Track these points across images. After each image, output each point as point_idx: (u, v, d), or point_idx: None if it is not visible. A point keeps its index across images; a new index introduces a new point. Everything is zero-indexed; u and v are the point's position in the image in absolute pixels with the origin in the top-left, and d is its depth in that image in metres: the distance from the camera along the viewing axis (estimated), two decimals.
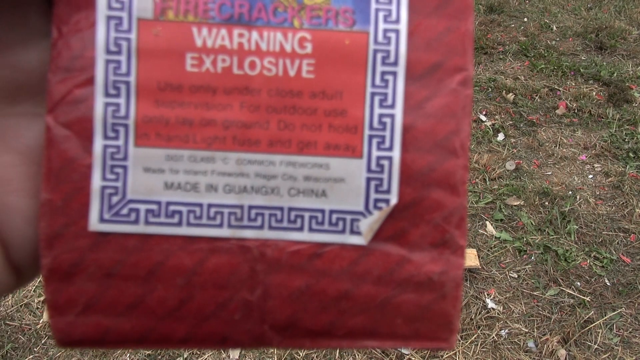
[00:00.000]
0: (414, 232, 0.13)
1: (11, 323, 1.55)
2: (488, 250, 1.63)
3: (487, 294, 1.51)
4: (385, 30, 0.13)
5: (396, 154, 0.13)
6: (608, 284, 1.52)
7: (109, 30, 0.13)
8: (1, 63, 0.13)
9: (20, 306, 1.60)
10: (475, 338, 1.40)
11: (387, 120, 0.13)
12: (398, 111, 0.13)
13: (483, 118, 2.21)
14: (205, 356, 1.41)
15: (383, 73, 0.13)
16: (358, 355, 1.38)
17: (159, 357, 1.43)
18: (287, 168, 0.13)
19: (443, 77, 0.13)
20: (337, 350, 1.39)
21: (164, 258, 0.13)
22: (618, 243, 1.63)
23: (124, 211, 0.13)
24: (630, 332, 1.40)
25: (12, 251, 0.13)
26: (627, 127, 2.10)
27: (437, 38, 0.13)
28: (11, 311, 1.59)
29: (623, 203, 1.77)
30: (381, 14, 0.13)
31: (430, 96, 0.13)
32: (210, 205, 0.13)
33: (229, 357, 1.41)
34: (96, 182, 0.13)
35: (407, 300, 0.13)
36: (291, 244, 0.13)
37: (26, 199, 0.13)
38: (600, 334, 1.39)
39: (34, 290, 1.64)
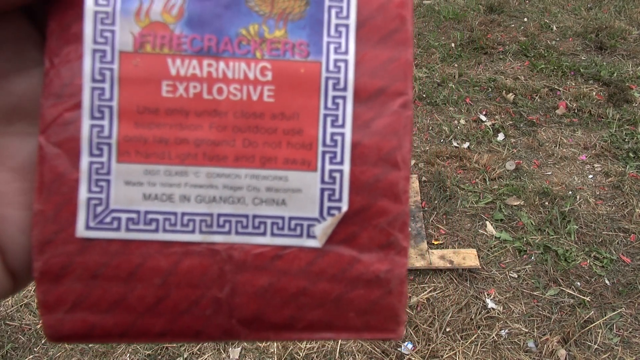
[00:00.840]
0: (363, 236, 0.15)
1: (11, 323, 1.55)
2: (488, 250, 1.63)
3: (487, 294, 1.51)
4: (336, 60, 0.15)
5: (346, 167, 0.15)
6: (608, 284, 1.52)
7: (95, 61, 0.15)
8: (0, 90, 0.15)
9: (20, 306, 1.60)
10: (475, 338, 1.41)
11: (338, 138, 0.15)
12: (347, 130, 0.15)
13: (483, 118, 2.21)
14: (205, 356, 1.41)
15: (334, 97, 0.15)
16: (358, 355, 1.38)
17: (159, 357, 1.43)
18: (251, 180, 0.15)
19: (386, 100, 0.15)
20: (337, 351, 1.39)
21: (143, 260, 0.15)
22: (618, 243, 1.63)
23: (107, 219, 0.15)
24: (630, 332, 1.40)
25: (8, 258, 0.15)
26: (627, 127, 2.10)
27: (381, 66, 0.15)
28: (11, 311, 1.59)
29: (623, 203, 1.77)
30: (332, 46, 0.15)
31: (375, 117, 0.15)
32: (183, 214, 0.15)
33: (229, 357, 1.41)
34: (83, 194, 0.15)
35: (358, 295, 0.15)
36: (255, 247, 0.15)
37: (20, 211, 0.15)
38: (600, 334, 1.39)
39: (34, 291, 1.64)
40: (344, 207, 0.15)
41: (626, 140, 2.04)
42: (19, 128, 0.15)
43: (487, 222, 1.72)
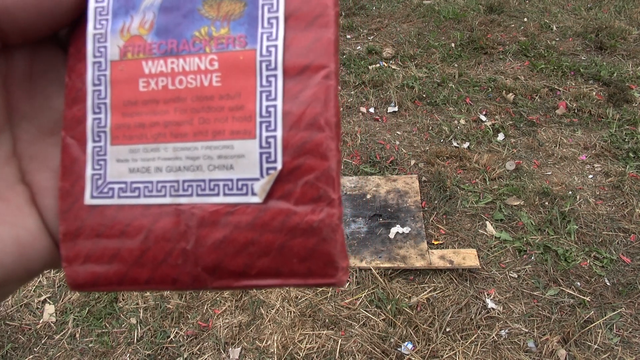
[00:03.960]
0: (297, 191, 0.17)
1: (11, 323, 1.55)
2: (488, 250, 1.63)
3: (487, 294, 1.51)
4: (268, 46, 0.18)
5: (279, 133, 0.18)
6: (608, 284, 1.52)
7: (94, 70, 0.19)
8: (46, 107, 0.20)
9: (20, 306, 1.60)
10: (475, 338, 1.40)
11: (272, 109, 0.18)
12: (279, 102, 0.18)
13: (483, 118, 2.21)
14: (205, 356, 1.41)
15: (267, 76, 0.18)
16: (358, 355, 1.38)
17: (159, 357, 1.43)
18: (206, 151, 0.18)
19: (311, 74, 0.18)
20: (337, 351, 1.39)
21: (130, 221, 0.18)
22: (618, 243, 1.63)
23: (105, 190, 0.19)
24: (630, 332, 1.40)
25: (55, 236, 0.19)
26: (627, 127, 2.10)
27: (307, 47, 0.18)
28: (11, 311, 1.59)
29: (623, 203, 1.77)
30: (265, 36, 0.18)
31: (302, 89, 0.18)
32: (158, 182, 0.19)
33: (229, 357, 1.41)
34: (89, 171, 0.19)
35: (297, 244, 0.17)
36: (212, 205, 0.18)
37: (57, 200, 0.19)
38: (600, 334, 1.39)
39: (33, 291, 1.64)
40: (279, 167, 0.18)
41: (626, 140, 2.04)
42: (57, 139, 0.20)
43: (487, 222, 1.72)
